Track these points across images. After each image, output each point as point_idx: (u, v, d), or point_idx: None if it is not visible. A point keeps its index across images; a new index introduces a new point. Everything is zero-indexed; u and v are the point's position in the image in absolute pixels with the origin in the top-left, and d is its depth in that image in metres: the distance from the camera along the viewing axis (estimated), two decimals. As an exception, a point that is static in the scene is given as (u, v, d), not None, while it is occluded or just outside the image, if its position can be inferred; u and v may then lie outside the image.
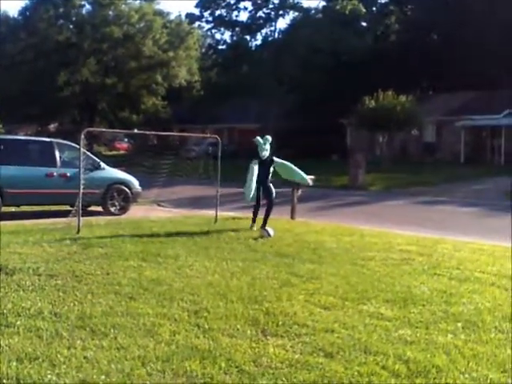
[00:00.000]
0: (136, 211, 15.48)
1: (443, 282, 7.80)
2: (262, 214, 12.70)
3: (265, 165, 12.83)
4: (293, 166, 13.39)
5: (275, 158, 13.03)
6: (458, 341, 5.47)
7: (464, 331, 5.77)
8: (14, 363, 4.64)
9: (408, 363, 4.87)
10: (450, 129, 39.18)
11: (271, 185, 12.94)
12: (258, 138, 12.92)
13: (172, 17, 58.25)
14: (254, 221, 12.78)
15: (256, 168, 12.75)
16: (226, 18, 53.70)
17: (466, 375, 4.69)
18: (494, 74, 42.15)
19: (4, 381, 4.34)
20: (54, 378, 4.41)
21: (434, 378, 4.62)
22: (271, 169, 12.94)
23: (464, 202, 21.13)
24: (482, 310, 6.52)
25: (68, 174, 14.31)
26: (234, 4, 52.86)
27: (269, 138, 12.80)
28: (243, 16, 55.14)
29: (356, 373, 4.66)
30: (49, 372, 4.51)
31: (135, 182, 15.80)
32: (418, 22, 47.93)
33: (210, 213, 14.48)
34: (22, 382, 4.35)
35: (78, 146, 12.96)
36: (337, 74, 45.25)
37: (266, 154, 12.79)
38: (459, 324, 5.97)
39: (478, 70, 41.76)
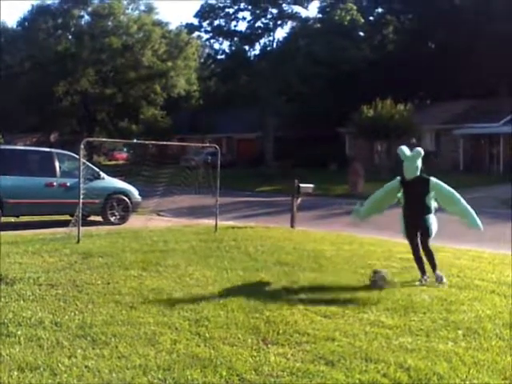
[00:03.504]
0: (135, 221, 15.48)
1: (443, 290, 7.81)
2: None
3: (414, 187, 8.59)
4: (461, 200, 8.83)
5: (432, 179, 8.63)
6: (459, 348, 5.47)
7: (465, 339, 5.77)
8: (15, 372, 4.64)
9: (409, 371, 4.87)
10: (449, 137, 39.20)
11: (431, 216, 8.65)
12: (404, 148, 8.58)
13: (171, 27, 58.55)
14: (423, 271, 8.64)
15: (390, 186, 8.97)
16: (225, 28, 53.70)
17: (467, 382, 4.69)
18: (492, 82, 42.28)
19: (5, 390, 4.35)
20: (56, 388, 4.42)
21: (435, 386, 4.63)
22: (431, 193, 8.59)
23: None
24: (482, 317, 6.52)
25: (68, 184, 14.33)
26: (233, 14, 52.93)
27: (420, 151, 8.48)
28: (242, 26, 55.30)
29: (357, 381, 4.66)
30: (50, 381, 4.52)
31: (135, 192, 15.82)
32: (414, 32, 48.10)
33: (210, 222, 14.49)
34: (23, 391, 4.36)
35: (77, 156, 13.00)
36: (335, 83, 45.33)
37: (415, 173, 8.50)
38: (460, 331, 5.97)
39: (475, 78, 41.85)
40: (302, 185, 15.31)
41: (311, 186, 15.69)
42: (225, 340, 5.57)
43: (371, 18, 54.20)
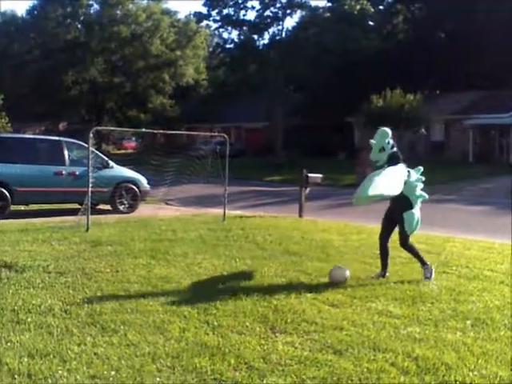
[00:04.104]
0: (144, 209, 15.53)
1: (452, 280, 7.79)
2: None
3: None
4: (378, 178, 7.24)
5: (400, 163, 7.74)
6: (467, 338, 5.47)
7: (473, 329, 5.77)
8: (26, 359, 4.68)
9: (417, 360, 4.88)
10: (459, 128, 39.02)
11: (411, 214, 7.70)
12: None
13: (180, 16, 58.47)
14: (384, 266, 8.04)
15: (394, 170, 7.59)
16: (234, 17, 53.50)
17: (476, 372, 4.68)
18: (503, 72, 41.92)
19: (16, 376, 4.38)
20: (65, 374, 4.45)
21: (443, 376, 4.62)
22: (410, 183, 7.69)
23: (472, 200, 21.06)
24: (491, 307, 6.51)
25: (77, 173, 14.37)
26: (242, 3, 52.72)
27: (385, 130, 7.71)
28: (251, 15, 55.18)
29: (365, 370, 4.67)
30: (60, 368, 4.55)
31: (143, 181, 15.85)
32: (425, 21, 47.76)
33: (218, 211, 14.50)
34: (33, 377, 4.39)
35: (86, 145, 13.02)
36: (344, 72, 45.13)
37: (378, 157, 7.72)
38: (468, 322, 5.97)
39: (486, 68, 41.58)
40: (310, 175, 15.27)
41: (320, 175, 15.64)
42: (233, 328, 5.59)
43: (381, 7, 53.87)
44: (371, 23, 52.71)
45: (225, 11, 53.83)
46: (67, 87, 51.80)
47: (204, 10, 55.21)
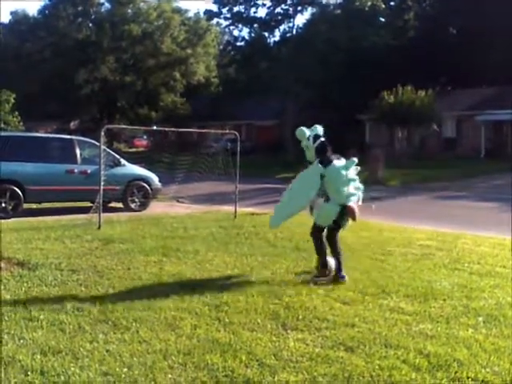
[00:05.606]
0: (156, 207, 15.57)
1: (464, 277, 7.76)
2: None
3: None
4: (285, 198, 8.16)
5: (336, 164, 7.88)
6: (479, 335, 5.45)
7: (485, 325, 5.74)
8: (38, 356, 4.71)
9: (429, 357, 4.86)
10: (470, 124, 38.81)
11: (327, 206, 7.72)
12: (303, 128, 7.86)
13: (190, 14, 58.53)
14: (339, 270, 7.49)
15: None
16: (245, 15, 53.49)
17: (488, 369, 4.66)
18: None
19: (29, 373, 4.41)
20: (78, 371, 4.48)
21: (455, 372, 4.61)
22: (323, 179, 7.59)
23: (484, 196, 20.94)
24: (503, 304, 6.48)
25: (88, 171, 14.41)
26: (252, 0, 52.67)
27: (301, 131, 7.77)
28: (261, 12, 55.16)
29: (377, 367, 4.66)
30: (72, 365, 4.58)
31: (155, 179, 15.89)
32: (436, 17, 47.51)
33: (229, 209, 14.52)
34: (46, 374, 4.42)
35: (98, 143, 13.07)
36: (355, 69, 44.96)
37: (310, 157, 7.86)
38: (480, 318, 5.94)
39: (498, 64, 41.25)
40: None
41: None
42: (244, 325, 5.60)
43: (392, 3, 53.64)
44: (382, 19, 52.48)
45: (235, 9, 53.79)
46: (78, 86, 51.89)
47: (214, 8, 55.28)
